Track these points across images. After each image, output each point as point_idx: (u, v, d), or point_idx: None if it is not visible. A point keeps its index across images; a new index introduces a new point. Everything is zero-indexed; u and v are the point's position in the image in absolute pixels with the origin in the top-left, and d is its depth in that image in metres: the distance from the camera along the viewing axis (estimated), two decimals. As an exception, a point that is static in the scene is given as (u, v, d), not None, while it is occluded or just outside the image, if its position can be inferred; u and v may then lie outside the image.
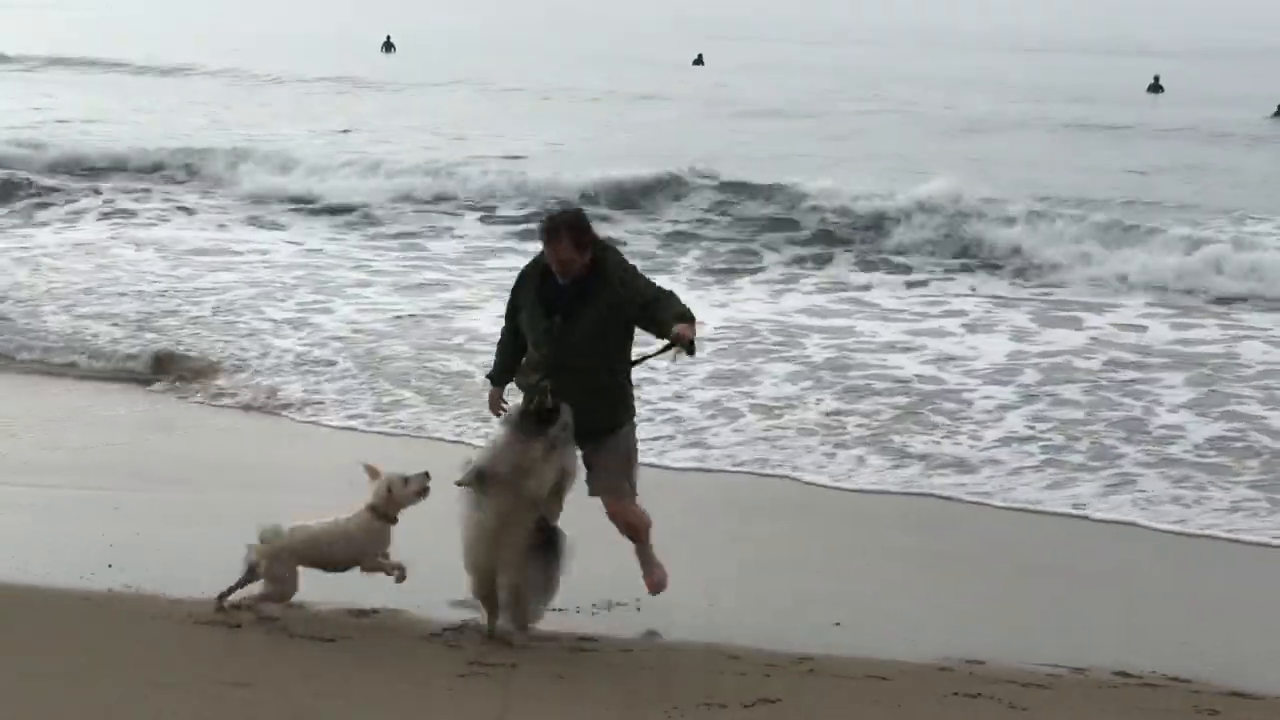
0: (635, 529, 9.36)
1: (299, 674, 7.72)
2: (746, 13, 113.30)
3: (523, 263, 9.57)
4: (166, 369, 15.97)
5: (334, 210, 26.67)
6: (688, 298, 9.43)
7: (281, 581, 8.66)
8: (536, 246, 9.16)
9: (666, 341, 8.85)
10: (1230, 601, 10.55)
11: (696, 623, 9.26)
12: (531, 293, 9.09)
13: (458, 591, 8.81)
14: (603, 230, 12.74)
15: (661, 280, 9.79)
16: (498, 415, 9.16)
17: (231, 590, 8.75)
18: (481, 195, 27.52)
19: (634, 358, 9.30)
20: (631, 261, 9.23)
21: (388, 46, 72.09)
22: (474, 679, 7.79)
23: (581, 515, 9.00)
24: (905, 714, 7.80)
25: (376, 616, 8.87)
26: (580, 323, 8.91)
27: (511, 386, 9.31)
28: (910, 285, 21.74)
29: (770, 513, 12.11)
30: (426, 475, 8.90)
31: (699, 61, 68.17)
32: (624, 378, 9.19)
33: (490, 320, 16.56)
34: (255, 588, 8.68)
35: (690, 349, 8.79)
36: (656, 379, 14.61)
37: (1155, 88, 60.16)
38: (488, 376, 9.55)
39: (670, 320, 8.79)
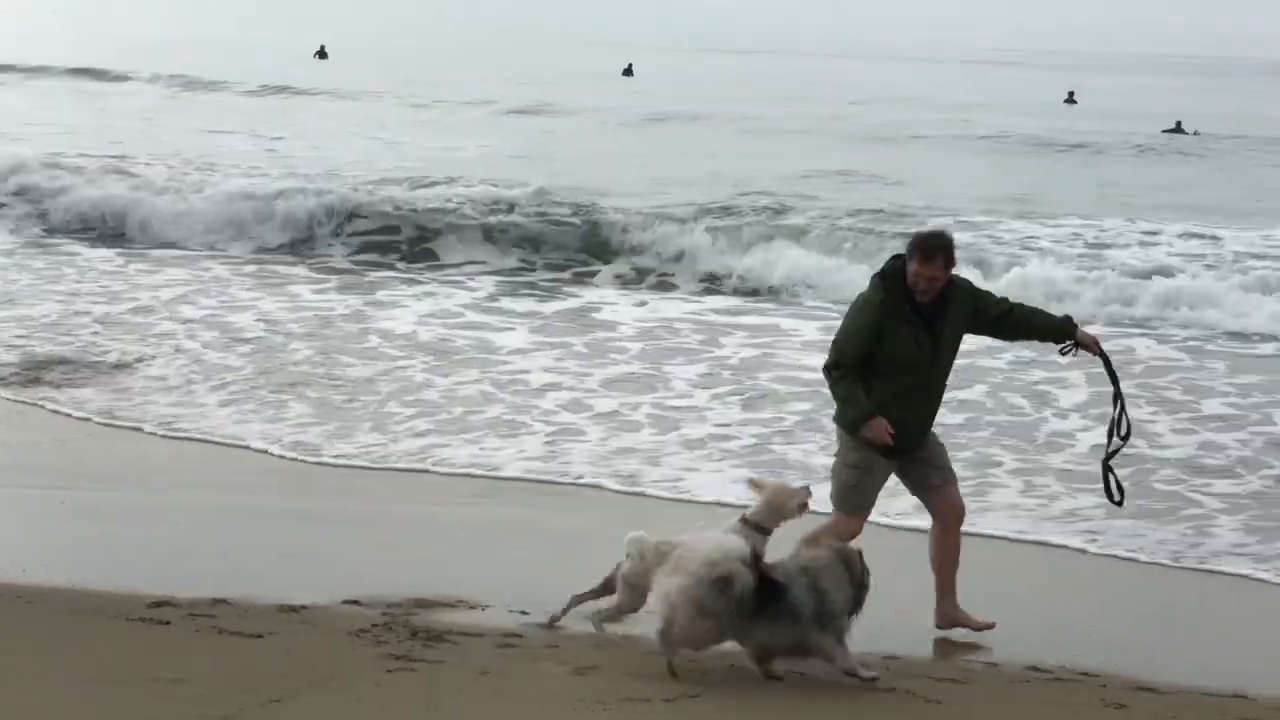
0: (961, 516, 9.64)
1: (229, 669, 7.72)
2: (732, 26, 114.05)
3: None
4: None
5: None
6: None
7: (640, 596, 8.50)
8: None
9: (1071, 342, 9.52)
10: (1136, 599, 10.74)
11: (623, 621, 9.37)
12: (893, 317, 9.20)
13: (388, 589, 8.86)
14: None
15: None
16: (889, 441, 9.21)
17: (581, 600, 8.92)
18: None
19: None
20: None
21: (321, 54, 71.97)
22: (401, 674, 7.81)
23: (503, 514, 9.07)
24: (823, 708, 7.90)
25: (305, 613, 8.89)
26: (943, 339, 9.31)
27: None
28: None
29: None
30: (808, 490, 8.94)
31: (628, 72, 68.59)
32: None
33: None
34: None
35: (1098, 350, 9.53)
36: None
37: (1070, 100, 61.07)
38: (863, 413, 9.23)
39: (1059, 324, 9.58)
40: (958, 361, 9.66)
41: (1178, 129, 48.15)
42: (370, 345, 17.74)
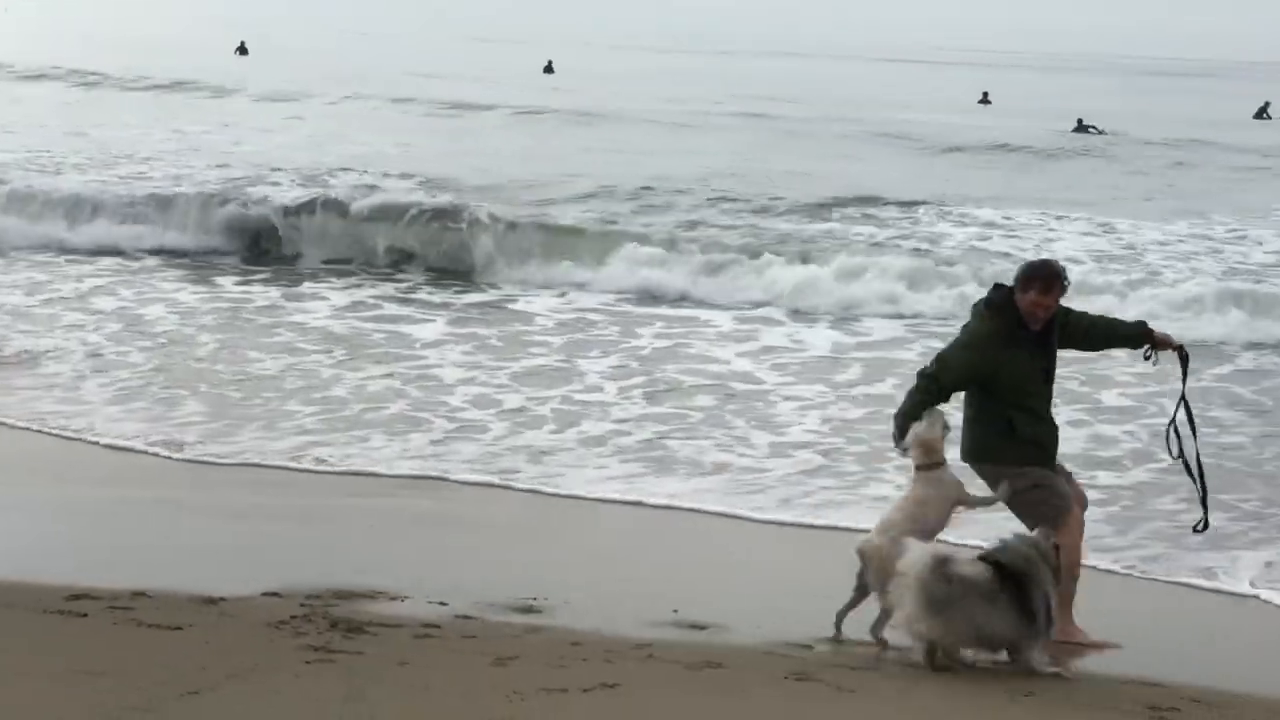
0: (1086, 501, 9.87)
1: (148, 661, 7.67)
2: (732, 26, 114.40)
3: None
4: None
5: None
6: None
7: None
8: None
9: (1149, 346, 9.75)
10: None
11: (540, 612, 9.43)
12: (1011, 346, 9.38)
13: (312, 580, 8.83)
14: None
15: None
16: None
17: (845, 613, 9.10)
18: None
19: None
20: None
21: (242, 50, 71.81)
22: (319, 665, 7.79)
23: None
24: (740, 698, 7.95)
25: (224, 604, 8.87)
26: (1053, 362, 9.58)
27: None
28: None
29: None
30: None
31: (549, 69, 68.85)
32: None
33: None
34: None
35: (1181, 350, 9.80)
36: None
37: (984, 100, 61.74)
38: (907, 425, 9.38)
39: (1137, 330, 9.84)
40: None
41: (1081, 127, 48.96)
42: (281, 339, 17.77)
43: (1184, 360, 9.83)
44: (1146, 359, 9.89)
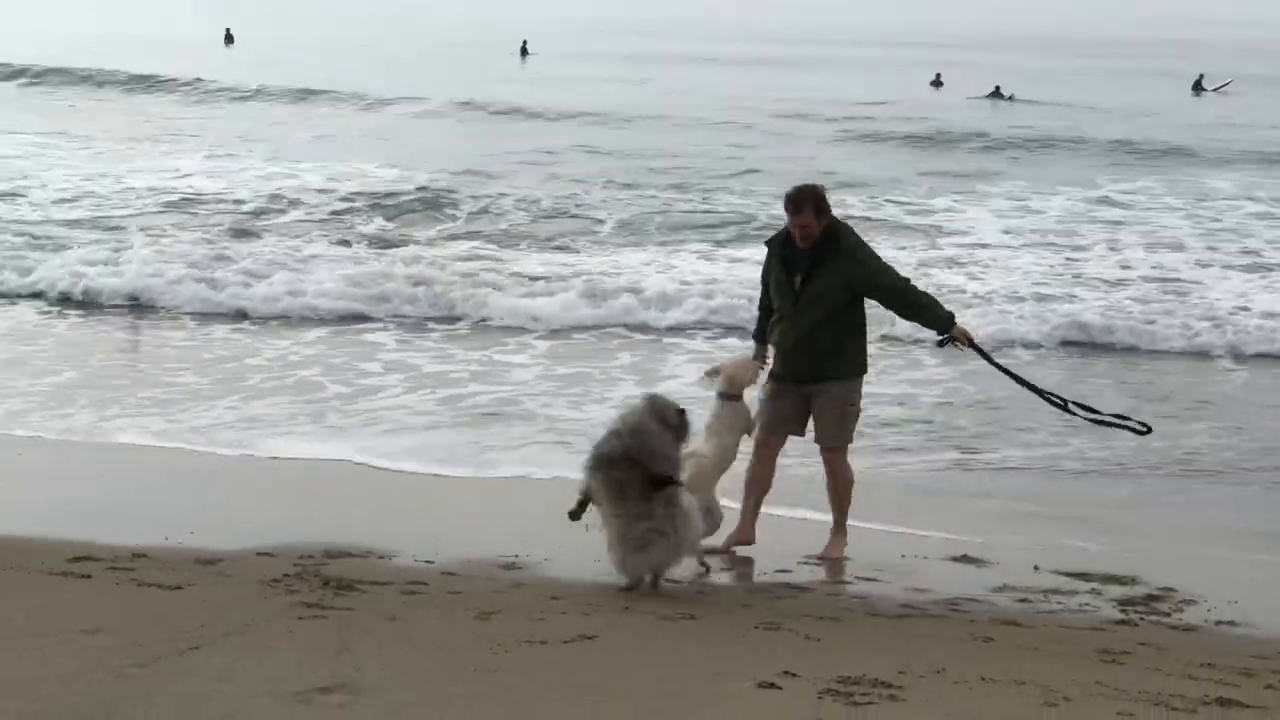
0: (835, 479, 10.28)
1: (148, 620, 7.74)
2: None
3: None
4: None
5: None
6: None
7: None
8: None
9: (948, 335, 10.19)
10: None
11: (521, 569, 9.53)
12: (775, 257, 10.15)
13: (300, 537, 8.90)
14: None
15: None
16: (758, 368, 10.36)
17: None
18: None
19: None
20: None
21: (229, 39, 72.22)
22: (313, 621, 7.87)
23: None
24: (713, 647, 8.06)
25: (221, 564, 8.95)
26: (813, 283, 9.93)
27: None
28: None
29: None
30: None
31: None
32: (845, 336, 10.10)
33: None
34: None
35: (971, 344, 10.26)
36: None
37: (936, 83, 61.68)
38: (753, 335, 10.57)
39: (945, 317, 10.15)
40: None
41: (996, 93, 50.65)
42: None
43: (984, 355, 10.46)
44: (941, 345, 10.47)
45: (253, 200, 27.84)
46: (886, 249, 18.24)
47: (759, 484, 10.29)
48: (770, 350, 10.30)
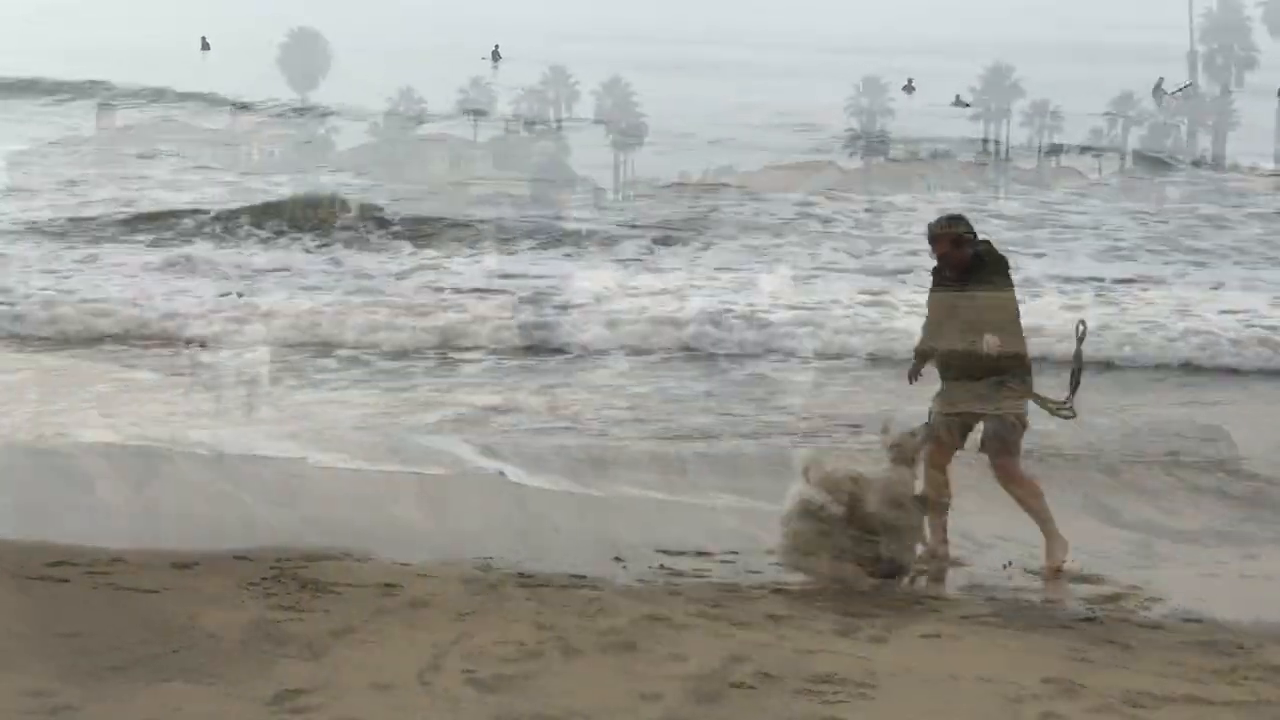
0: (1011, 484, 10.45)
1: (126, 623, 7.76)
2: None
3: None
4: None
5: None
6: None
7: None
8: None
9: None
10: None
11: (494, 570, 9.56)
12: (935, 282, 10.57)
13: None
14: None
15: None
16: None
17: None
18: None
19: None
20: None
21: (204, 45, 72.06)
22: (290, 624, 7.89)
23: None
24: (678, 632, 8.07)
25: (198, 568, 8.94)
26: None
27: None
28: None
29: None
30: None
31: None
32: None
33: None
34: None
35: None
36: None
37: (908, 88, 61.76)
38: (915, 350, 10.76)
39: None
40: None
41: (958, 102, 51.11)
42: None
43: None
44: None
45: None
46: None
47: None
48: None
